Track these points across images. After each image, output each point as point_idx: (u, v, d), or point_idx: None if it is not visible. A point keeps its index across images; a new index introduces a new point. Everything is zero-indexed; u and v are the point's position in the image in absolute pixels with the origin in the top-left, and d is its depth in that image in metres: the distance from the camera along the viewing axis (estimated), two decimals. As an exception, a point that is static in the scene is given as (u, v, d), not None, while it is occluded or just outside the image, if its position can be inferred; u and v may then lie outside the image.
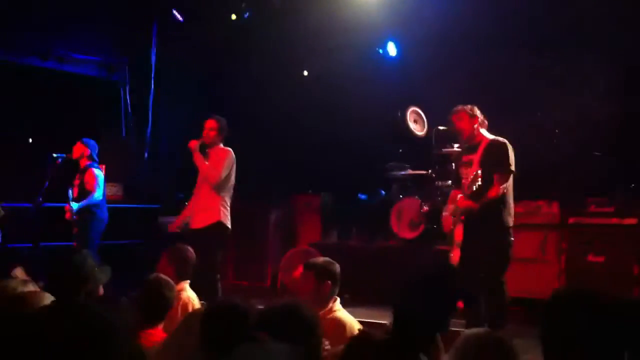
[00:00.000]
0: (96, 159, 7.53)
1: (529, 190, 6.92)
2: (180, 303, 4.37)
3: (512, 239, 5.31)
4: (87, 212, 7.29)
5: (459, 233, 5.25)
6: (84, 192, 7.32)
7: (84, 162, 7.47)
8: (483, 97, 7.79)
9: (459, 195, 5.29)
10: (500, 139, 5.37)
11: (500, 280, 5.19)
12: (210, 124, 6.36)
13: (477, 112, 5.42)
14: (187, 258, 4.73)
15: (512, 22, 7.93)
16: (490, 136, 5.42)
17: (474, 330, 2.50)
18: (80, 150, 7.47)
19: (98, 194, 7.37)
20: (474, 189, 5.03)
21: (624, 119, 7.30)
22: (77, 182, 7.44)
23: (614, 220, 6.43)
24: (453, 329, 2.75)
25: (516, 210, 6.69)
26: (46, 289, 2.98)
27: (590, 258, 6.37)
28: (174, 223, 6.66)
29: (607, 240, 6.34)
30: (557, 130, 7.72)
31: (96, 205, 7.38)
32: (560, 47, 7.76)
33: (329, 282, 3.86)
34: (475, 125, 5.38)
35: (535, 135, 7.73)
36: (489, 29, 8.03)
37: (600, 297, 2.16)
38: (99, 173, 7.46)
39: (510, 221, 5.33)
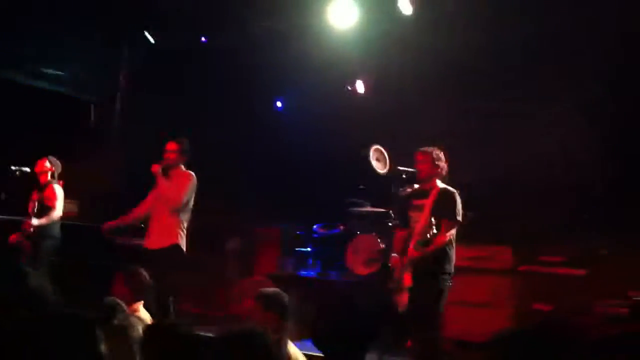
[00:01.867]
0: (56, 177, 7.49)
1: (484, 235, 7.07)
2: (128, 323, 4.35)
3: (451, 284, 5.40)
4: (41, 228, 7.21)
5: (407, 278, 5.32)
6: (44, 208, 7.26)
7: (44, 179, 7.42)
8: (445, 139, 8.00)
9: (411, 245, 5.36)
10: (451, 188, 5.51)
11: (437, 322, 5.30)
12: (172, 146, 6.40)
13: (442, 161, 5.54)
14: (142, 279, 4.75)
15: (474, 63, 8.10)
16: (442, 184, 5.55)
17: None
18: (43, 166, 7.43)
19: (58, 211, 7.32)
20: (428, 236, 5.13)
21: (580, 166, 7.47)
22: (35, 197, 7.36)
23: (564, 270, 6.57)
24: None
25: (470, 254, 6.87)
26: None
27: (537, 306, 6.48)
28: (108, 224, 6.59)
29: (554, 289, 6.46)
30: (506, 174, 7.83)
31: (52, 222, 7.31)
32: (529, 83, 7.94)
33: (276, 312, 3.88)
34: (436, 172, 5.50)
35: (492, 179, 7.87)
36: (459, 64, 8.20)
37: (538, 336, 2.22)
38: (59, 190, 7.42)
39: (452, 267, 5.42)
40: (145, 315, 4.59)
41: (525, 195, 7.81)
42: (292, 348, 3.92)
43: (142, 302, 4.70)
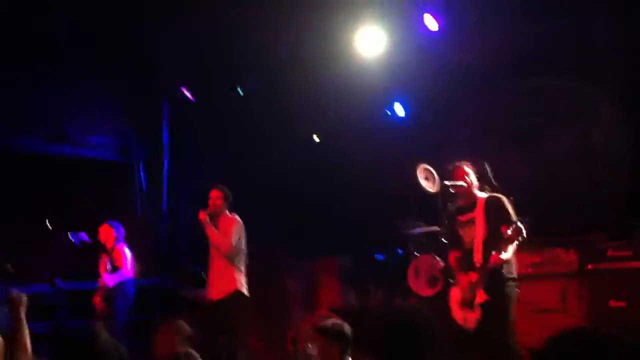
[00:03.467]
0: (121, 239, 7.71)
1: (545, 239, 6.90)
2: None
3: (517, 290, 5.28)
4: (115, 289, 7.39)
5: (480, 294, 5.21)
6: (114, 269, 7.47)
7: (110, 243, 7.66)
8: (495, 149, 7.92)
9: (479, 257, 5.27)
10: (496, 194, 5.44)
11: (509, 330, 5.16)
12: (216, 194, 6.52)
13: (472, 170, 5.50)
14: (186, 332, 4.74)
15: (513, 62, 8.03)
16: (484, 194, 5.48)
17: None
18: (106, 232, 7.67)
19: (128, 270, 7.50)
20: (517, 241, 5.03)
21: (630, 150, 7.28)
22: (105, 260, 7.58)
23: (633, 264, 6.34)
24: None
25: (533, 260, 6.72)
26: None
27: (612, 304, 6.26)
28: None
29: (627, 285, 6.24)
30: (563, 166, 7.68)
31: (124, 282, 7.49)
32: (563, 79, 7.81)
33: (339, 344, 3.85)
34: (473, 183, 5.45)
35: (544, 173, 7.73)
36: (488, 73, 8.14)
37: (599, 338, 2.11)
38: (127, 250, 7.64)
39: (514, 272, 5.30)
40: None
41: (581, 191, 7.62)
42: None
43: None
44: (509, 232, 5.04)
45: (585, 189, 7.39)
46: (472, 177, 5.51)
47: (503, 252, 5.14)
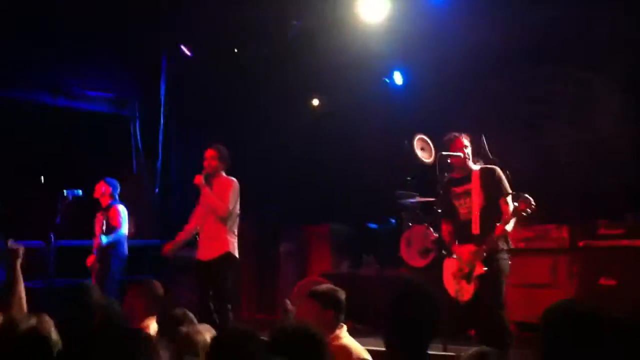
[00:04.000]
0: (117, 197, 7.64)
1: (538, 214, 6.93)
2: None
3: (509, 262, 5.33)
4: (110, 248, 7.37)
5: (479, 266, 5.23)
6: (109, 228, 7.41)
7: (105, 200, 7.61)
8: (491, 121, 7.92)
9: (477, 228, 5.28)
10: (490, 165, 5.49)
11: (501, 302, 5.20)
12: (211, 153, 6.41)
13: (468, 142, 5.51)
14: (157, 293, 4.65)
15: (518, 47, 7.99)
16: (477, 166, 5.50)
17: (477, 349, 2.53)
18: (102, 189, 7.59)
19: (123, 230, 7.47)
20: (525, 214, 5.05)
21: (635, 140, 7.30)
22: (100, 219, 7.54)
23: (625, 242, 6.38)
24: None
25: (525, 234, 6.76)
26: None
27: (602, 281, 6.31)
28: (167, 246, 6.66)
29: (618, 263, 6.29)
30: (567, 154, 7.72)
31: (118, 241, 7.46)
32: (569, 67, 7.80)
33: (333, 309, 3.86)
34: (467, 155, 5.46)
35: (544, 158, 7.75)
36: (495, 54, 8.10)
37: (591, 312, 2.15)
38: (123, 209, 7.59)
39: (509, 244, 5.34)
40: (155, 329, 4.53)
41: (577, 171, 7.66)
42: (352, 342, 3.90)
43: (155, 317, 4.50)
44: (516, 203, 5.05)
45: (584, 177, 7.43)
46: (469, 149, 5.52)
47: (506, 224, 5.14)
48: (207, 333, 3.31)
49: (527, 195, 5.08)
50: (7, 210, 7.70)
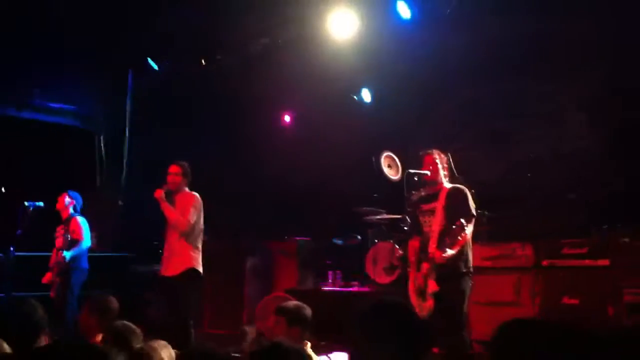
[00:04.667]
0: (78, 210, 7.54)
1: (503, 232, 7.00)
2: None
3: (472, 283, 5.35)
4: (71, 261, 7.22)
5: (432, 283, 5.23)
6: (71, 241, 7.27)
7: (66, 213, 7.50)
8: (457, 137, 8.00)
9: (432, 248, 5.29)
10: (459, 185, 5.48)
11: (461, 322, 5.22)
12: (174, 169, 6.36)
13: (444, 162, 5.52)
14: (110, 308, 4.56)
15: (484, 62, 8.08)
16: (449, 184, 5.50)
17: None
18: (64, 201, 7.49)
19: (86, 242, 7.36)
20: (459, 238, 5.06)
21: (599, 158, 7.42)
22: (61, 232, 7.41)
23: (588, 262, 6.45)
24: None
25: (490, 253, 6.80)
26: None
27: (565, 300, 6.37)
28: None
29: (581, 282, 6.35)
30: (529, 174, 7.82)
31: (80, 255, 7.33)
32: (534, 81, 7.91)
33: (299, 326, 3.83)
34: (440, 172, 5.47)
35: (512, 177, 7.84)
36: (462, 69, 8.18)
37: (547, 327, 2.12)
38: (84, 222, 7.48)
39: (471, 266, 5.37)
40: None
41: (540, 192, 7.76)
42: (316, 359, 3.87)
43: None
44: (454, 226, 5.04)
45: (551, 192, 7.52)
46: (441, 166, 5.52)
47: (448, 250, 5.14)
48: (163, 349, 3.25)
49: (463, 221, 5.08)
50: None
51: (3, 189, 9.35)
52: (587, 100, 7.58)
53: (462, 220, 5.04)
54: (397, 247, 7.84)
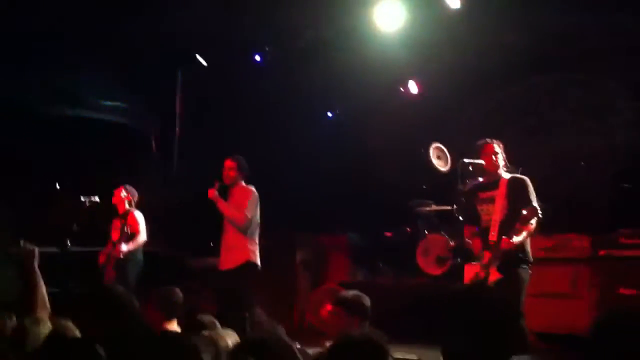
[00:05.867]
0: (134, 205, 7.64)
1: (558, 223, 6.90)
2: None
3: (530, 272, 5.28)
4: (128, 255, 7.35)
5: (494, 272, 5.18)
6: (128, 236, 7.38)
7: (122, 207, 7.57)
8: (507, 129, 7.90)
9: (495, 235, 5.25)
10: (520, 175, 5.40)
11: (520, 311, 5.15)
12: (229, 164, 6.40)
13: (502, 151, 5.46)
14: (176, 300, 4.57)
15: (539, 51, 7.97)
16: (508, 174, 5.44)
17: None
18: (121, 194, 7.59)
19: (142, 236, 7.46)
20: (530, 225, 5.00)
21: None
22: (117, 225, 7.52)
23: (647, 252, 6.33)
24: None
25: (546, 244, 6.71)
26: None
27: (622, 291, 6.25)
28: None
29: (638, 273, 6.23)
30: (583, 162, 7.69)
31: (136, 248, 7.45)
32: (585, 73, 7.78)
33: (359, 315, 3.84)
34: (500, 162, 5.41)
35: (564, 167, 7.72)
36: (513, 59, 8.08)
37: None
38: (140, 216, 7.56)
39: (530, 256, 5.30)
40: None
41: (595, 182, 7.64)
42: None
43: (175, 320, 4.48)
44: (524, 212, 5.01)
45: (604, 186, 7.39)
46: (500, 156, 5.46)
47: (515, 237, 5.10)
48: (229, 337, 3.30)
49: (535, 204, 5.03)
50: (24, 215, 7.71)
51: (58, 185, 9.55)
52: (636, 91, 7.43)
53: (527, 210, 4.98)
54: (447, 238, 7.79)
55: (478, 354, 2.25)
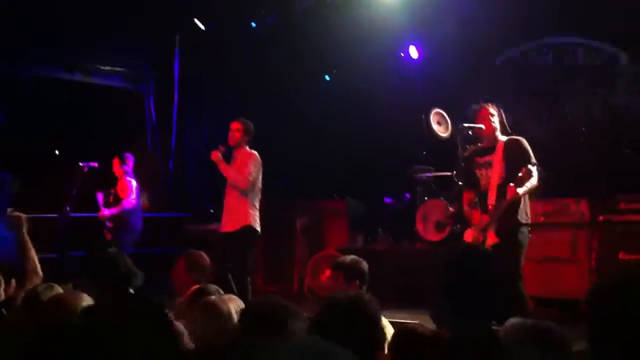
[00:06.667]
0: (130, 172, 7.67)
1: (557, 188, 6.88)
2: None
3: (529, 235, 5.25)
4: (121, 219, 7.38)
5: (491, 235, 5.16)
6: (116, 199, 7.45)
7: (119, 172, 7.61)
8: (508, 96, 7.86)
9: (493, 198, 5.21)
10: (516, 137, 5.35)
11: (519, 273, 5.15)
12: (236, 126, 6.39)
13: (497, 112, 5.41)
14: (204, 263, 4.63)
15: (535, 15, 7.89)
16: (504, 137, 5.39)
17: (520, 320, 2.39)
18: (117, 163, 7.65)
19: (130, 202, 7.47)
20: (528, 186, 4.97)
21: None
22: (113, 190, 7.60)
23: (646, 217, 6.33)
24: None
25: (545, 209, 6.71)
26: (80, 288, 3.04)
27: (622, 256, 6.26)
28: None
29: (638, 238, 6.23)
30: (584, 128, 7.66)
31: (130, 213, 7.47)
32: (587, 41, 7.71)
33: (358, 280, 3.85)
34: (496, 125, 5.37)
35: (564, 132, 7.69)
36: (513, 24, 8.00)
37: None
38: (133, 182, 7.59)
39: (528, 218, 5.27)
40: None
41: (594, 147, 7.61)
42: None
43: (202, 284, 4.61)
44: (520, 173, 4.95)
45: (601, 149, 7.36)
46: (496, 119, 5.41)
47: (519, 189, 4.99)
48: (232, 302, 3.29)
49: (530, 166, 4.99)
50: (22, 182, 7.70)
51: (57, 152, 9.53)
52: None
53: (526, 168, 4.93)
54: (446, 204, 7.79)
55: (472, 316, 2.26)
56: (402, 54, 9.49)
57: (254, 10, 9.46)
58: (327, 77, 10.29)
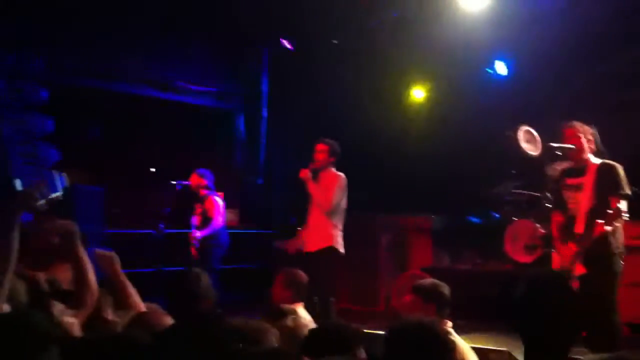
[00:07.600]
0: (212, 187, 7.83)
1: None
2: (297, 324, 4.40)
3: (622, 263, 5.04)
4: (209, 238, 7.59)
5: (579, 265, 4.99)
6: (206, 220, 7.63)
7: (202, 192, 7.78)
8: (598, 114, 7.59)
9: (581, 227, 5.02)
10: (610, 162, 5.13)
11: (612, 305, 4.95)
12: (321, 147, 6.40)
13: (589, 134, 5.21)
14: (301, 281, 4.79)
15: (625, 29, 7.61)
16: (598, 159, 5.18)
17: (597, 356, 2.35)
18: (196, 181, 7.78)
19: (219, 221, 7.66)
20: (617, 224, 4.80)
21: None
22: (199, 210, 7.76)
23: None
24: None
25: (637, 232, 6.41)
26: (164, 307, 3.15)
27: None
28: (289, 244, 6.76)
29: None
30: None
31: (217, 231, 7.66)
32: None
33: (435, 303, 3.82)
34: (584, 146, 5.18)
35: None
36: (601, 37, 7.75)
37: None
38: (219, 200, 7.76)
39: (621, 246, 5.06)
40: (305, 316, 4.61)
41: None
42: (457, 338, 3.84)
43: (302, 303, 4.70)
44: (609, 211, 4.72)
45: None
46: (585, 139, 5.21)
47: (607, 225, 4.77)
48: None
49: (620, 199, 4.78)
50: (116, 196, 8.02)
51: (153, 169, 9.91)
52: None
53: (613, 199, 4.75)
54: (537, 225, 7.58)
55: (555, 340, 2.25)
56: (490, 70, 9.35)
57: (338, 26, 9.55)
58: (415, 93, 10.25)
